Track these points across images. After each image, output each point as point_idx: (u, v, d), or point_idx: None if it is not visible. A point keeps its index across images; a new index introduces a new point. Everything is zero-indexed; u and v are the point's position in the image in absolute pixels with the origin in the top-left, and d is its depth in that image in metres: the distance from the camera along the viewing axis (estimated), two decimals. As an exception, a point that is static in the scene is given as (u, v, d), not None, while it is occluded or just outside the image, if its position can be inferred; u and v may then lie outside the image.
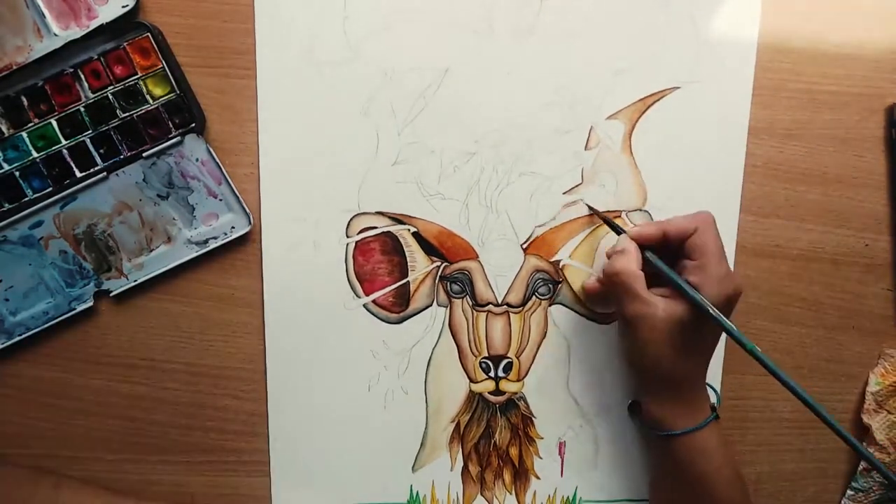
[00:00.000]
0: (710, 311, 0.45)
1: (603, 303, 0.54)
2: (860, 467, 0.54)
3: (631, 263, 0.48)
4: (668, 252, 0.49)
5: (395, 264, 0.53)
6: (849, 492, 0.56)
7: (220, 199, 0.52)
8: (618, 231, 0.51)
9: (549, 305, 0.54)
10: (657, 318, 0.46)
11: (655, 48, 0.52)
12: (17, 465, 0.52)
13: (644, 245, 0.49)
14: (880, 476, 0.54)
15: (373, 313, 0.53)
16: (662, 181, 0.53)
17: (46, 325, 0.52)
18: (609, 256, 0.51)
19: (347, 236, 0.53)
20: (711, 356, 0.49)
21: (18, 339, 0.52)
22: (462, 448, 0.55)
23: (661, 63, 0.52)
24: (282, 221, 0.52)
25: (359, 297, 0.53)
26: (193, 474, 0.54)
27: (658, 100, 0.52)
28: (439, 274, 0.53)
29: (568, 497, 0.56)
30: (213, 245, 0.52)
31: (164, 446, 0.54)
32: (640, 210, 0.53)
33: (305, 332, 0.53)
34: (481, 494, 0.56)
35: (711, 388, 0.51)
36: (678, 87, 0.52)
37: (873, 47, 0.53)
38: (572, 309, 0.54)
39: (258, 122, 0.51)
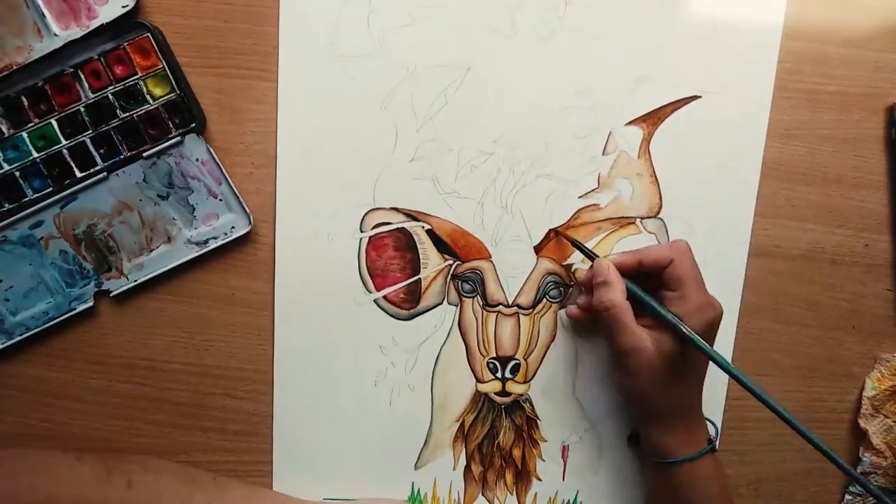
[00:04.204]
0: (697, 342, 0.45)
1: (586, 329, 0.54)
2: (858, 470, 0.54)
3: (618, 295, 0.47)
4: (646, 281, 0.49)
5: (407, 261, 0.53)
6: (847, 497, 0.56)
7: (220, 199, 0.52)
8: (592, 258, 0.50)
9: (560, 308, 0.54)
10: (649, 352, 0.46)
11: (678, 56, 0.52)
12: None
13: (623, 275, 0.49)
14: (877, 481, 0.54)
15: (383, 309, 0.53)
16: (678, 189, 0.53)
17: (46, 325, 0.52)
18: (584, 285, 0.51)
19: (361, 231, 0.53)
20: (703, 384, 0.49)
21: (18, 339, 0.52)
22: (465, 447, 0.55)
23: (682, 71, 0.52)
24: (297, 213, 0.52)
25: (370, 292, 0.53)
26: (193, 474, 0.54)
27: (678, 108, 0.52)
28: (451, 272, 0.53)
29: (569, 500, 0.56)
30: (213, 245, 0.52)
31: (164, 446, 0.54)
32: (655, 217, 0.53)
33: (315, 325, 0.53)
34: (482, 494, 0.55)
35: (711, 422, 0.51)
36: (699, 97, 0.52)
37: (873, 47, 0.53)
38: None
39: (277, 112, 0.51)
